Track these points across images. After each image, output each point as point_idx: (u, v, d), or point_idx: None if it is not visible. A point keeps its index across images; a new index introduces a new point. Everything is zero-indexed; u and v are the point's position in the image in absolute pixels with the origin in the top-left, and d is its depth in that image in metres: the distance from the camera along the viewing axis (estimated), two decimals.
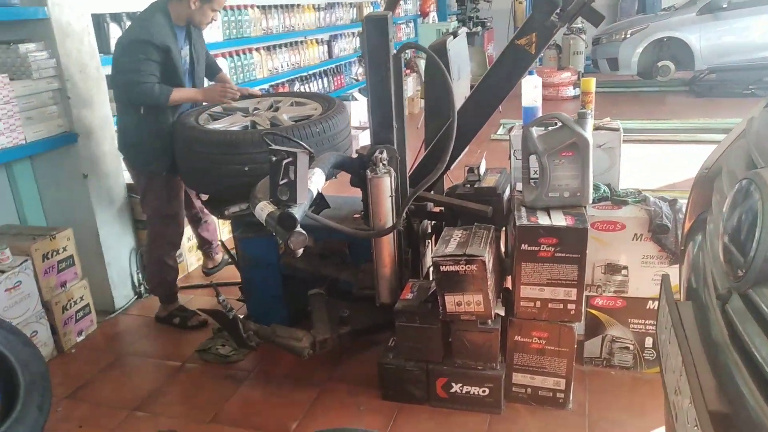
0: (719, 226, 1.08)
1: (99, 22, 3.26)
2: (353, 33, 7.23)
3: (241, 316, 2.40)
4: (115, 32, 3.41)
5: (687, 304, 1.17)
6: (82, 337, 2.88)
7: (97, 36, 3.05)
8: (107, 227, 3.04)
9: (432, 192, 2.49)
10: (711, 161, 1.48)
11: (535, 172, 2.20)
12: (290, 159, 1.77)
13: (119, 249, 3.13)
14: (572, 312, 2.10)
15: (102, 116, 2.99)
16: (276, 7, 5.39)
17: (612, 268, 2.31)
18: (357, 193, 2.49)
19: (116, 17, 3.42)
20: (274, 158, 1.78)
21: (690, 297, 1.23)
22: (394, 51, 2.25)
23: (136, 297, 3.24)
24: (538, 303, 2.11)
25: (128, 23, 3.47)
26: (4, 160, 2.62)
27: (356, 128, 5.56)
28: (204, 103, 2.89)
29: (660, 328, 1.29)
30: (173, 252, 2.97)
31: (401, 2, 8.47)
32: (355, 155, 2.38)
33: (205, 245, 3.42)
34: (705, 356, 0.97)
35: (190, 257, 3.55)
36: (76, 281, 2.85)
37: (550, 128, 2.25)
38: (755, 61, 8.04)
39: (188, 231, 3.51)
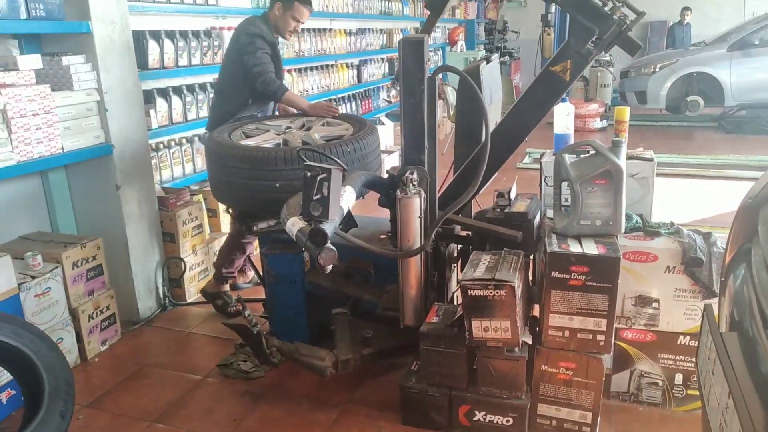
0: None
1: (139, 38, 3.35)
2: (382, 59, 7.33)
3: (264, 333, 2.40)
4: (153, 49, 3.50)
5: (732, 334, 1.13)
6: (105, 347, 2.89)
7: (137, 52, 3.13)
8: (136, 239, 3.08)
9: (460, 215, 2.48)
10: (756, 190, 1.45)
11: (567, 199, 2.18)
12: (324, 175, 1.78)
13: (147, 261, 3.16)
14: (601, 343, 2.05)
15: (137, 129, 3.06)
16: (309, 30, 5.50)
17: (643, 301, 2.26)
18: (382, 213, 2.49)
19: (155, 35, 3.51)
20: (308, 174, 1.79)
21: (733, 330, 1.20)
22: (429, 74, 2.26)
23: (160, 309, 3.25)
24: (567, 332, 2.07)
25: (166, 40, 3.57)
26: (40, 168, 2.68)
27: (382, 152, 5.59)
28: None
29: (701, 360, 1.26)
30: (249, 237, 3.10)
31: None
32: (385, 175, 2.39)
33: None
34: (754, 390, 0.94)
35: None
36: (104, 290, 2.88)
37: (582, 156, 2.23)
38: None
39: (214, 245, 3.55)
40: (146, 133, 3.19)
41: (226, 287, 3.22)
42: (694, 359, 2.17)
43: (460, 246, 2.59)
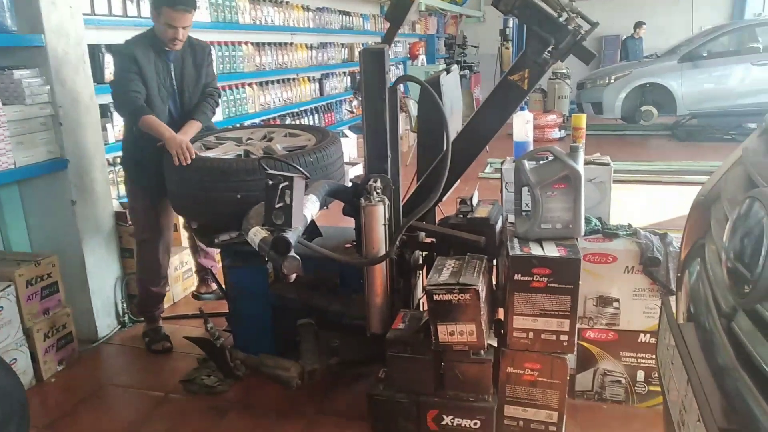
0: (721, 248, 1.09)
1: (94, 52, 3.29)
2: (344, 72, 7.36)
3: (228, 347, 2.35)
4: (109, 63, 3.43)
5: (689, 325, 1.17)
6: (62, 366, 2.79)
7: (92, 65, 3.07)
8: (93, 255, 3.00)
9: (424, 222, 2.49)
10: (707, 188, 1.51)
11: (527, 204, 2.22)
12: (287, 183, 1.77)
13: (104, 277, 3.08)
14: (565, 343, 2.08)
15: (93, 143, 2.99)
16: (269, 44, 5.49)
17: (603, 301, 2.31)
18: (346, 223, 2.49)
19: (112, 48, 3.45)
20: (270, 182, 1.78)
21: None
22: (390, 84, 2.28)
23: (119, 326, 3.17)
24: (531, 334, 2.10)
25: None
26: None
27: (346, 163, 5.60)
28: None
29: (661, 353, 1.29)
30: (153, 277, 2.95)
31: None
32: (349, 184, 2.39)
33: (202, 271, 3.39)
34: (711, 377, 0.97)
35: (176, 287, 3.49)
36: (60, 309, 2.79)
37: (541, 162, 2.28)
38: (735, 108, 8.30)
39: (174, 260, 3.48)
40: (103, 148, 3.12)
41: (155, 324, 3.03)
42: (654, 356, 2.22)
43: (424, 253, 2.60)
